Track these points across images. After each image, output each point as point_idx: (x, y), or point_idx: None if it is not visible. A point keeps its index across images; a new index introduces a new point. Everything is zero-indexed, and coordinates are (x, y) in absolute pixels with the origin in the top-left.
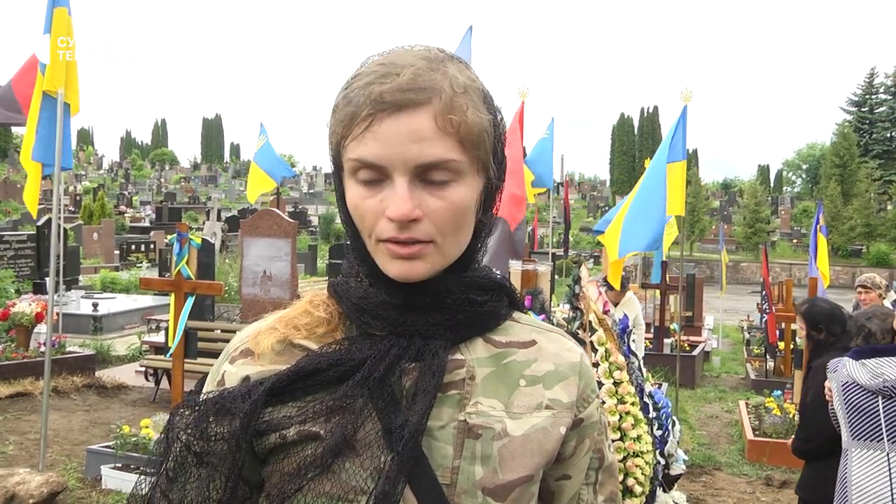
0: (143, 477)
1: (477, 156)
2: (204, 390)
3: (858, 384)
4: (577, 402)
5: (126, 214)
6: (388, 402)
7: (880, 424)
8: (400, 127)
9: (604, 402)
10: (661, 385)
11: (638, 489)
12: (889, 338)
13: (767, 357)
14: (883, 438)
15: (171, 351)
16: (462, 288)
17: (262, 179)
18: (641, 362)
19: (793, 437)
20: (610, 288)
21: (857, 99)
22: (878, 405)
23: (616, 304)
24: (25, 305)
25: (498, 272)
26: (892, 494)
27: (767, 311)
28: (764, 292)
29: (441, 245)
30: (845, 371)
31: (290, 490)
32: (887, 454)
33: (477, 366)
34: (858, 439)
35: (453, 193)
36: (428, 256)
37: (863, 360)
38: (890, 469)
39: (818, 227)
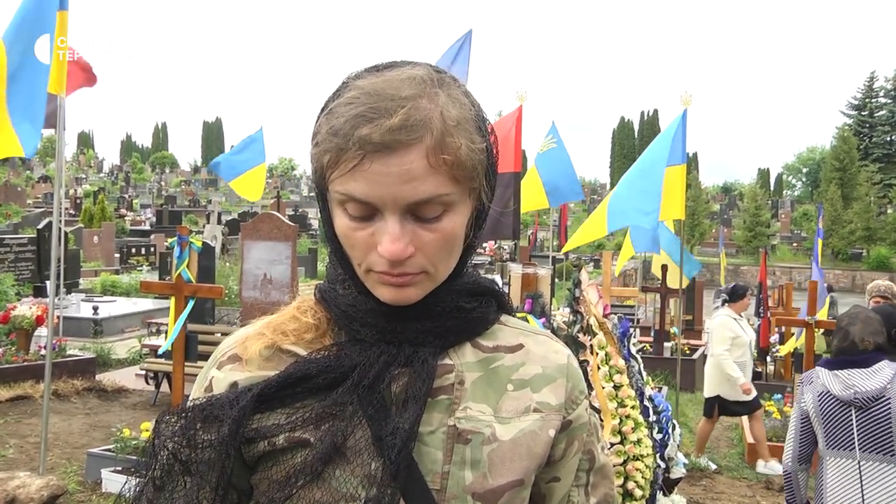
0: (130, 481)
1: (470, 186)
2: (191, 397)
3: (832, 394)
4: (566, 404)
5: (126, 218)
6: (378, 409)
7: (853, 434)
8: (390, 168)
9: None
10: (661, 388)
11: (638, 493)
12: (869, 343)
13: (767, 361)
14: (854, 447)
15: (162, 349)
16: (451, 296)
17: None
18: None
19: None
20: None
21: (857, 102)
22: (851, 416)
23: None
24: (26, 309)
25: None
26: (862, 501)
27: (762, 314)
28: (760, 296)
29: (433, 274)
30: (819, 381)
31: (280, 498)
32: (858, 462)
33: (466, 370)
34: (832, 448)
35: (445, 224)
36: (420, 284)
37: (835, 371)
38: (861, 477)
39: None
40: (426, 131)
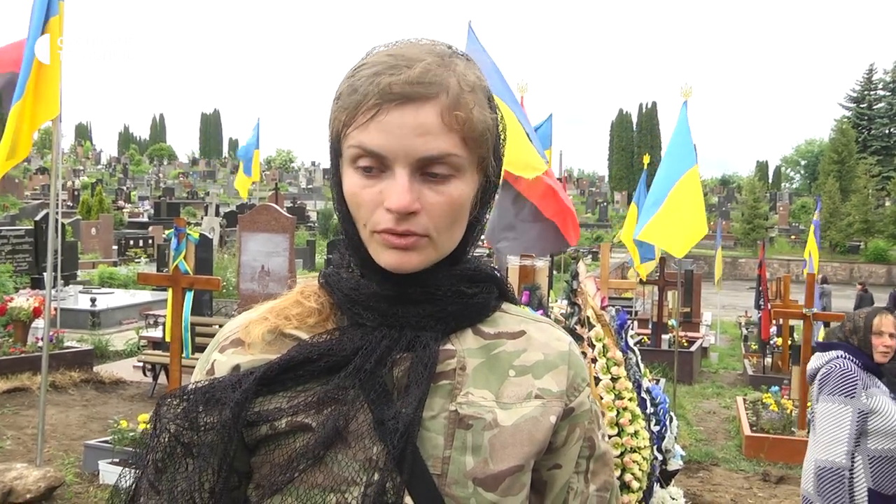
0: (126, 470)
1: (479, 153)
2: (192, 379)
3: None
4: (567, 391)
5: (124, 209)
6: (380, 394)
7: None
8: (406, 119)
9: (601, 398)
10: (658, 381)
11: (635, 485)
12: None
13: (765, 353)
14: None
15: (188, 352)
16: (453, 280)
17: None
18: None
19: None
20: None
21: (855, 95)
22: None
23: None
24: (23, 300)
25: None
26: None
27: (762, 307)
28: (759, 288)
29: (436, 240)
30: None
31: (282, 482)
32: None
33: (468, 356)
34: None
35: (452, 189)
36: (422, 249)
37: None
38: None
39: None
40: (442, 90)
